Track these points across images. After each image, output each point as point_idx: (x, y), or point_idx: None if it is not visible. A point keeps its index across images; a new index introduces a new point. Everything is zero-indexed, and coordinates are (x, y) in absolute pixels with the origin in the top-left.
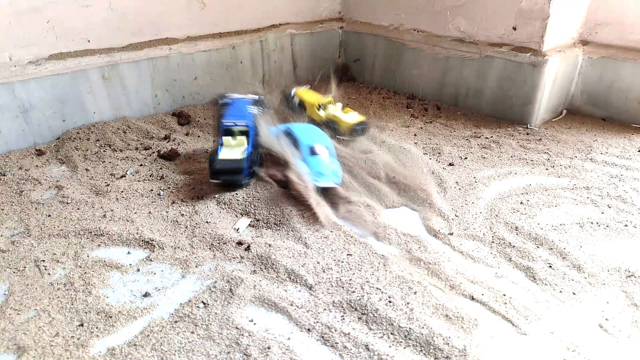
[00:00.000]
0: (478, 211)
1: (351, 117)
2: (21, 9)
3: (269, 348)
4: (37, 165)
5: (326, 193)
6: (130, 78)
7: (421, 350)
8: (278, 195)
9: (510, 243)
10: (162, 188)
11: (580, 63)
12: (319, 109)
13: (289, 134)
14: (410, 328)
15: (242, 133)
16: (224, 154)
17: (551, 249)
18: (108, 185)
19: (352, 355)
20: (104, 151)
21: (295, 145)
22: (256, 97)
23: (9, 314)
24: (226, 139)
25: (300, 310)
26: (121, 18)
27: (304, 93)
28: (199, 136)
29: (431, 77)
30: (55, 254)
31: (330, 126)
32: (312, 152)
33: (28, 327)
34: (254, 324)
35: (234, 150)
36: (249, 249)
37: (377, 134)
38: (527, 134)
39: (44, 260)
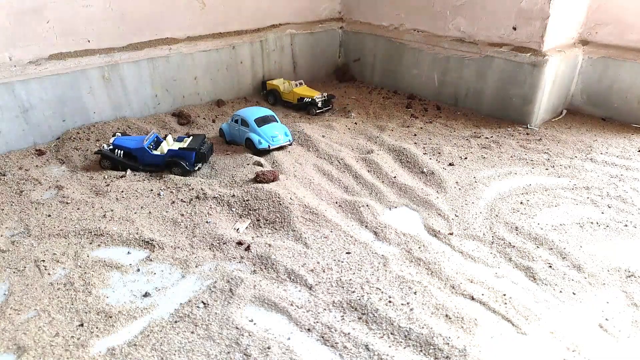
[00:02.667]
0: (478, 211)
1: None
2: (21, 9)
3: (269, 348)
4: (37, 165)
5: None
6: (130, 78)
7: (421, 350)
8: (278, 195)
9: (510, 243)
10: (162, 188)
11: (580, 63)
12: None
13: (238, 119)
14: (410, 328)
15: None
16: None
17: (551, 249)
18: (108, 185)
19: (352, 355)
20: None
21: (245, 124)
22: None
23: (9, 314)
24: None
25: (300, 310)
26: (121, 18)
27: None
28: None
29: (431, 77)
30: (55, 254)
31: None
32: (261, 122)
33: (28, 327)
34: (254, 324)
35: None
36: (249, 249)
37: (377, 133)
38: (527, 134)
39: (44, 260)
